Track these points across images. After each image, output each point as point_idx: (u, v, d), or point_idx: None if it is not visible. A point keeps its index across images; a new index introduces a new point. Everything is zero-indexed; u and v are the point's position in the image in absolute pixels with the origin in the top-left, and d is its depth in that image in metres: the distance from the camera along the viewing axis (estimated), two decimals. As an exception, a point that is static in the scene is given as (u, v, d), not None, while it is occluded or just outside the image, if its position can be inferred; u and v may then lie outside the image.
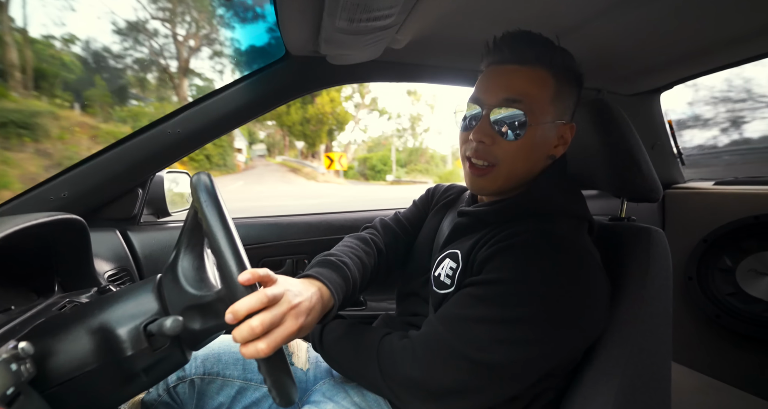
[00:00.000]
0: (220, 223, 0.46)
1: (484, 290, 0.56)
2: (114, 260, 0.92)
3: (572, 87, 0.65)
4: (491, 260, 0.58)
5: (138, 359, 0.48)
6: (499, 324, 0.53)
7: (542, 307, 0.52)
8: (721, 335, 1.25)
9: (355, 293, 0.71)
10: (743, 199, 1.25)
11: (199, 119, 0.94)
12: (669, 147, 1.44)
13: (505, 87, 0.61)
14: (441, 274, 0.67)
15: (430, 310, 0.68)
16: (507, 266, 0.56)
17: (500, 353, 0.52)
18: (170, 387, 0.72)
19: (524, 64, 0.61)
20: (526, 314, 0.52)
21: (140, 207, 1.00)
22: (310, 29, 0.76)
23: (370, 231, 0.84)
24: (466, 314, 0.55)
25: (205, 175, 0.50)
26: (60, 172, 0.89)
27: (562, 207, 0.65)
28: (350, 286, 0.67)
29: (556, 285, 0.53)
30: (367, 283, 0.76)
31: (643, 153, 0.73)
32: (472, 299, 0.56)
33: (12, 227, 0.49)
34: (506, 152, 0.62)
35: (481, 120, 0.62)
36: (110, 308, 0.50)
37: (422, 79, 1.12)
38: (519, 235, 0.59)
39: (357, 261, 0.73)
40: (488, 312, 0.54)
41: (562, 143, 0.66)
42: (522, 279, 0.54)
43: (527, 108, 0.59)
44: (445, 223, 0.79)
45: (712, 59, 1.04)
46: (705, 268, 1.28)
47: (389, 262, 0.82)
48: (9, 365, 0.38)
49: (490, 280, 0.56)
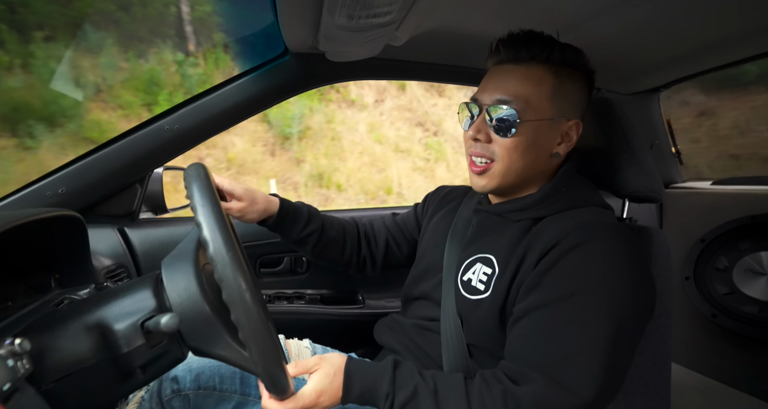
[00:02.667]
0: (215, 223, 0.45)
1: (567, 307, 0.54)
2: (112, 256, 0.91)
3: (575, 82, 0.64)
4: (552, 270, 0.56)
5: (135, 355, 0.48)
6: (600, 342, 0.51)
7: (628, 306, 0.54)
8: (718, 335, 1.26)
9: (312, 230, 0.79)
10: (740, 199, 1.25)
11: (197, 116, 0.93)
12: (667, 146, 1.44)
13: (500, 87, 0.63)
14: (472, 279, 0.65)
15: (453, 315, 0.66)
16: (578, 274, 0.55)
17: (610, 375, 0.51)
18: (164, 401, 0.68)
19: (519, 62, 0.62)
20: (621, 319, 0.53)
21: (138, 204, 1.00)
22: (309, 26, 0.76)
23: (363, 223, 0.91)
24: (564, 345, 0.52)
25: (200, 166, 0.50)
26: (57, 169, 0.88)
27: (591, 200, 0.66)
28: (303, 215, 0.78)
29: (631, 277, 0.55)
30: (341, 245, 0.85)
31: (646, 153, 0.73)
32: (561, 325, 0.53)
33: (9, 223, 0.49)
34: (502, 149, 0.63)
35: (477, 119, 0.64)
36: (108, 304, 0.50)
37: (422, 78, 1.12)
38: (570, 234, 0.57)
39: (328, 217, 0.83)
40: (587, 333, 0.52)
41: (566, 141, 0.66)
42: (599, 282, 0.54)
43: (521, 106, 0.61)
44: (458, 223, 0.77)
45: (712, 58, 1.03)
46: (702, 268, 1.29)
47: (378, 251, 0.87)
48: (6, 361, 0.38)
49: (568, 294, 0.54)
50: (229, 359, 0.49)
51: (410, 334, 0.74)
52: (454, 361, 0.65)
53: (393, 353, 0.76)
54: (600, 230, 0.58)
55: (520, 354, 0.56)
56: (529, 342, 0.55)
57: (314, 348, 0.81)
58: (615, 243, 0.57)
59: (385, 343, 0.79)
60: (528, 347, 0.55)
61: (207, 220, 0.45)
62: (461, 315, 0.66)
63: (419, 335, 0.73)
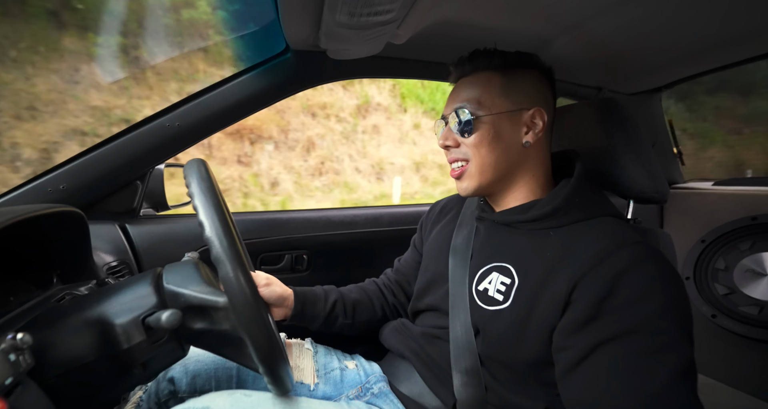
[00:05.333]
0: (217, 220, 0.45)
1: (640, 340, 0.48)
2: (113, 252, 0.92)
3: (526, 76, 0.68)
4: (611, 296, 0.51)
5: (136, 351, 0.48)
6: (685, 368, 0.47)
7: (690, 323, 0.51)
8: (718, 335, 1.26)
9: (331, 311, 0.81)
10: (741, 199, 1.25)
11: (199, 113, 0.93)
12: (669, 147, 1.44)
13: (455, 98, 0.70)
14: (489, 289, 0.64)
15: (464, 325, 0.65)
16: (645, 298, 0.50)
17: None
18: (161, 402, 0.68)
19: (467, 74, 0.70)
20: (690, 336, 0.50)
21: (139, 200, 1.00)
22: (310, 23, 0.76)
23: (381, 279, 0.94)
24: (655, 384, 0.46)
25: (200, 162, 0.50)
26: (58, 165, 0.89)
27: (605, 209, 0.64)
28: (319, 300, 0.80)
29: (683, 291, 0.53)
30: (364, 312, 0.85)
31: (650, 154, 0.73)
32: (636, 359, 0.48)
33: (11, 219, 0.49)
34: (470, 148, 0.67)
35: (444, 130, 0.71)
36: (109, 300, 0.50)
37: (423, 76, 1.12)
38: (612, 253, 0.53)
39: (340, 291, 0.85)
40: (673, 360, 0.47)
41: (533, 129, 0.67)
42: (667, 303, 0.50)
43: (474, 107, 0.66)
44: (461, 231, 0.77)
45: (715, 58, 1.03)
46: (702, 268, 1.29)
47: (403, 296, 0.90)
48: (8, 356, 0.38)
49: (641, 322, 0.49)
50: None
51: (419, 341, 0.74)
52: (465, 371, 0.64)
53: (401, 358, 0.76)
54: (643, 248, 0.55)
55: (607, 401, 0.48)
56: (611, 383, 0.48)
57: (316, 348, 0.81)
58: (660, 257, 0.54)
59: (393, 347, 0.78)
60: (612, 388, 0.48)
61: (209, 219, 0.45)
62: (477, 326, 0.64)
63: (428, 343, 0.72)
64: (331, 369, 0.75)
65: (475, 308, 0.65)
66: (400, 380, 0.73)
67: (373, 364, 0.79)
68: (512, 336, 0.59)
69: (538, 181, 0.69)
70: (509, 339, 0.59)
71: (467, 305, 0.66)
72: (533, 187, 0.69)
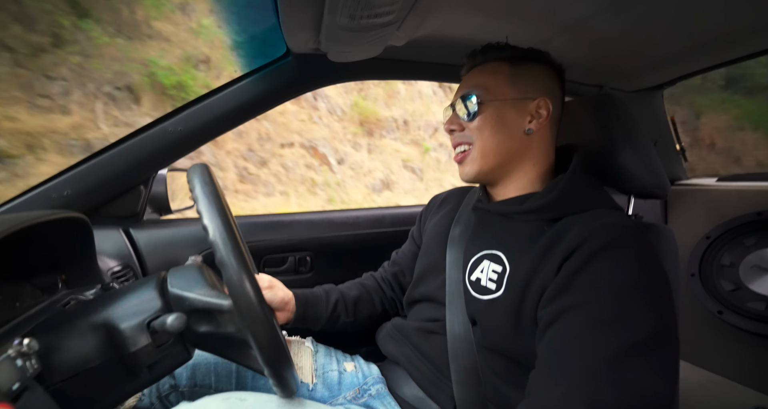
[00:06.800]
0: (221, 224, 0.45)
1: (608, 307, 0.49)
2: (117, 257, 0.92)
3: (534, 68, 0.70)
4: (583, 271, 0.52)
5: (142, 355, 0.48)
6: (651, 339, 0.47)
7: (668, 303, 0.51)
8: (724, 332, 1.25)
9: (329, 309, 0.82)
10: (746, 195, 1.25)
11: (201, 117, 0.94)
12: (672, 143, 1.43)
13: (464, 86, 0.72)
14: (481, 278, 0.64)
15: (460, 315, 0.65)
16: (614, 274, 0.51)
17: (658, 381, 0.45)
18: (162, 396, 0.69)
19: (477, 64, 0.72)
20: (665, 314, 0.49)
21: (143, 205, 1.01)
22: (310, 26, 0.76)
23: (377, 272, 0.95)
24: (611, 345, 0.47)
25: (203, 167, 0.50)
26: (62, 171, 0.89)
27: (601, 201, 0.65)
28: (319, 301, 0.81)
29: (663, 274, 0.53)
30: (363, 306, 0.87)
31: (651, 149, 0.73)
32: (601, 325, 0.48)
33: (17, 225, 0.49)
34: (474, 131, 0.69)
35: (450, 114, 0.73)
36: (114, 304, 0.50)
37: (424, 77, 1.12)
38: (596, 233, 0.54)
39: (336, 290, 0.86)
40: (622, 341, 0.46)
41: (537, 118, 0.68)
42: (637, 281, 0.50)
43: (481, 92, 0.68)
44: (459, 221, 0.77)
45: (716, 55, 1.03)
46: (707, 264, 1.28)
47: (401, 290, 0.90)
48: (15, 361, 0.38)
49: (606, 294, 0.50)
50: None
51: (414, 340, 0.73)
52: (462, 363, 0.63)
53: (396, 365, 0.75)
54: (626, 230, 0.55)
55: (560, 363, 0.49)
56: (566, 346, 0.50)
57: (316, 347, 0.81)
58: (644, 242, 0.55)
59: (389, 353, 0.78)
60: (565, 352, 0.49)
61: (213, 222, 0.45)
62: (473, 317, 0.64)
63: (423, 340, 0.71)
64: (329, 370, 0.75)
65: (470, 300, 0.65)
66: (398, 384, 0.72)
67: (372, 366, 0.79)
68: (508, 324, 0.59)
69: (538, 172, 0.69)
70: (505, 327, 0.59)
71: (464, 297, 0.66)
72: (533, 177, 0.69)
